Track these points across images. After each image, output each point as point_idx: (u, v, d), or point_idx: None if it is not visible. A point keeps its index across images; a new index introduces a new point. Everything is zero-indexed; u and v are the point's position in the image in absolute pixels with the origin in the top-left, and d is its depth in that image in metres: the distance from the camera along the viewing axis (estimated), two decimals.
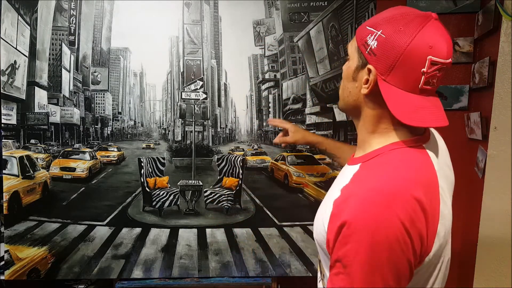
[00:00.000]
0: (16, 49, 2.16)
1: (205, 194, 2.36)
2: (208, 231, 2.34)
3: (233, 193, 2.37)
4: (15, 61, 2.17)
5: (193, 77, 2.37)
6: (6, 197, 2.18)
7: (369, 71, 0.81)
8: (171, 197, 2.35)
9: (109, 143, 2.44)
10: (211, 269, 2.29)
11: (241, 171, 2.40)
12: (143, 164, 2.36)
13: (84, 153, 2.39)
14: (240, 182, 2.38)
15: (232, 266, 2.30)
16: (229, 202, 2.36)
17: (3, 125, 2.19)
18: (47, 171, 2.30)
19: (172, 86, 2.38)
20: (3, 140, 2.21)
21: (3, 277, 2.19)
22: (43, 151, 2.30)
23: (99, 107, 2.41)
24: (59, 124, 2.33)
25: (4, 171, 2.20)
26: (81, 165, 2.36)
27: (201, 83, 2.37)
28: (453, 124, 0.81)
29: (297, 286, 2.29)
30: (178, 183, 2.36)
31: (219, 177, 2.40)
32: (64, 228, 2.28)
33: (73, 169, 2.34)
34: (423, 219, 0.73)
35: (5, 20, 2.11)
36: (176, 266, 2.29)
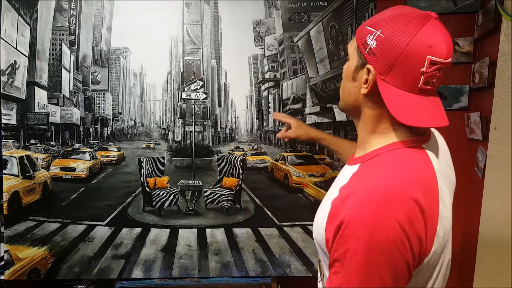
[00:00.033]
0: (16, 49, 2.16)
1: (205, 194, 2.36)
2: (208, 231, 2.34)
3: (233, 193, 2.37)
4: (15, 61, 2.17)
5: (193, 77, 2.37)
6: (6, 197, 2.18)
7: (368, 71, 0.81)
8: (171, 197, 2.35)
9: (109, 143, 2.44)
10: (211, 269, 2.29)
11: (241, 171, 2.40)
12: (143, 164, 2.36)
13: (84, 153, 2.39)
14: (240, 182, 2.38)
15: (232, 266, 2.30)
16: (229, 202, 2.36)
17: (3, 125, 2.19)
18: (47, 171, 2.30)
19: (172, 86, 2.38)
20: (3, 140, 2.21)
21: (3, 277, 2.19)
22: (43, 151, 2.30)
23: (99, 107, 2.41)
24: (59, 124, 2.33)
25: (4, 171, 2.20)
26: (81, 165, 2.36)
27: (201, 83, 2.37)
28: (453, 124, 0.81)
29: (297, 286, 2.29)
30: (178, 183, 2.36)
31: (219, 177, 2.40)
32: (64, 228, 2.28)
33: (73, 169, 2.34)
34: (421, 220, 0.73)
35: (5, 20, 2.11)
36: (176, 266, 2.29)
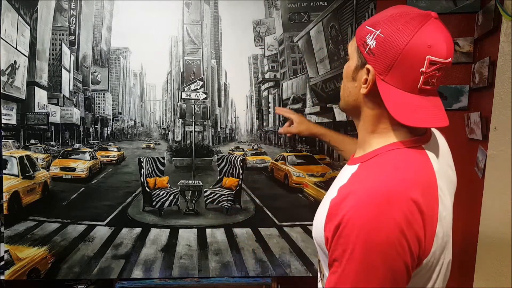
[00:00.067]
0: (16, 49, 2.16)
1: (205, 194, 2.36)
2: (208, 231, 2.34)
3: (233, 193, 2.37)
4: (15, 61, 2.17)
5: (193, 77, 2.37)
6: (6, 197, 2.18)
7: (368, 71, 0.81)
8: (171, 197, 2.35)
9: (109, 143, 2.44)
10: (211, 269, 2.29)
11: (241, 171, 2.39)
12: (143, 164, 2.36)
13: (84, 153, 2.39)
14: (240, 182, 2.38)
15: (232, 266, 2.30)
16: (229, 202, 2.36)
17: (3, 125, 2.19)
18: (47, 171, 2.30)
19: (172, 86, 2.38)
20: (3, 140, 2.21)
21: (3, 277, 2.19)
22: (43, 151, 2.30)
23: (99, 107, 2.41)
24: (59, 124, 2.33)
25: (4, 171, 2.20)
26: (81, 165, 2.36)
27: (201, 83, 2.37)
28: (453, 124, 0.81)
29: (297, 286, 2.29)
30: (178, 183, 2.36)
31: (219, 177, 2.40)
32: (64, 228, 2.28)
33: (73, 169, 2.34)
34: (420, 220, 0.72)
35: (5, 20, 2.11)
36: (176, 266, 2.29)
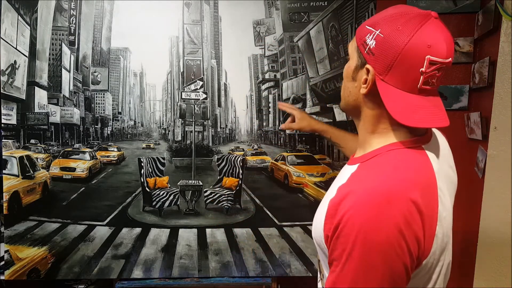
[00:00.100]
0: (16, 49, 2.17)
1: (205, 194, 2.36)
2: (208, 231, 2.34)
3: (233, 193, 2.37)
4: (15, 61, 2.17)
5: (193, 77, 2.37)
6: (6, 197, 2.18)
7: (368, 70, 0.80)
8: (171, 197, 2.35)
9: (109, 143, 2.44)
10: (211, 269, 2.29)
11: (241, 171, 2.39)
12: (143, 164, 2.36)
13: (84, 153, 2.39)
14: (240, 182, 2.38)
15: (232, 266, 2.30)
16: (229, 202, 2.36)
17: (3, 125, 2.19)
18: (47, 171, 2.30)
19: (172, 86, 2.38)
20: (3, 140, 2.21)
21: (3, 277, 2.19)
22: (43, 151, 2.30)
23: (99, 107, 2.41)
24: (59, 124, 2.33)
25: (4, 171, 2.20)
26: (81, 165, 2.36)
27: (201, 83, 2.37)
28: (453, 124, 0.80)
29: (297, 286, 2.29)
30: (178, 183, 2.36)
31: (219, 177, 2.40)
32: (64, 228, 2.28)
33: (73, 169, 2.34)
34: (419, 221, 0.72)
35: (5, 20, 2.11)
36: (176, 266, 2.29)
